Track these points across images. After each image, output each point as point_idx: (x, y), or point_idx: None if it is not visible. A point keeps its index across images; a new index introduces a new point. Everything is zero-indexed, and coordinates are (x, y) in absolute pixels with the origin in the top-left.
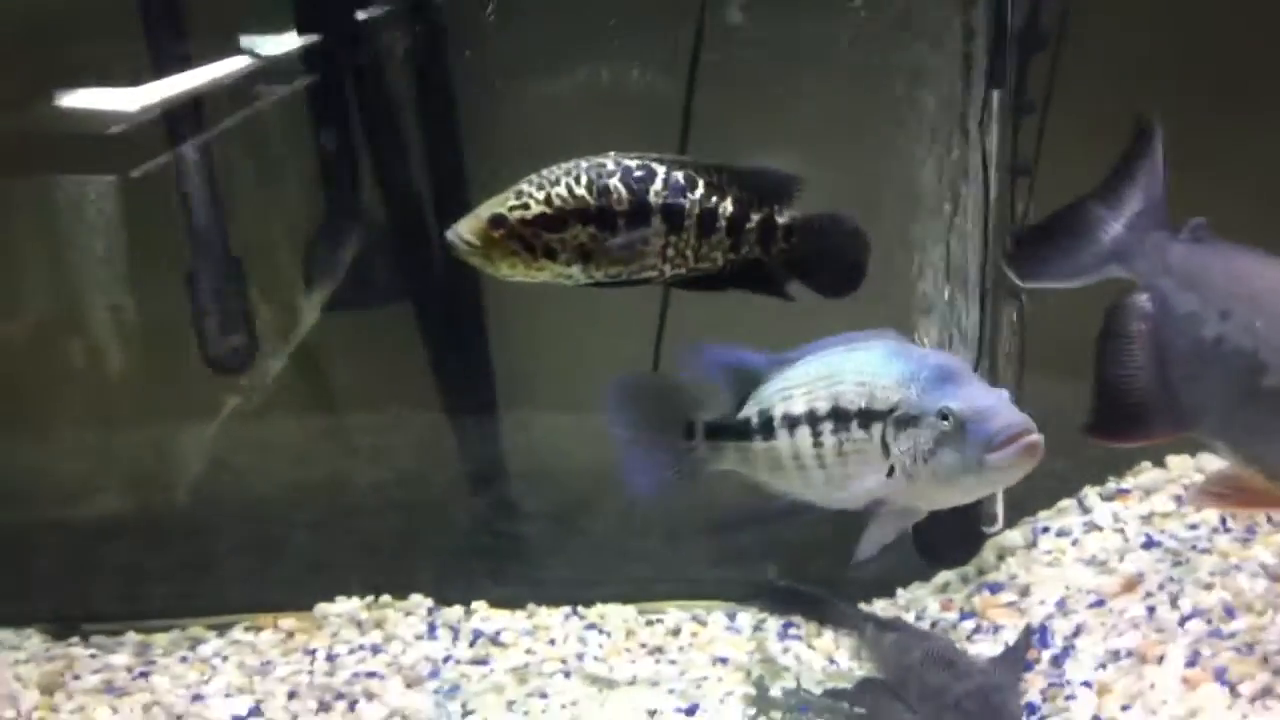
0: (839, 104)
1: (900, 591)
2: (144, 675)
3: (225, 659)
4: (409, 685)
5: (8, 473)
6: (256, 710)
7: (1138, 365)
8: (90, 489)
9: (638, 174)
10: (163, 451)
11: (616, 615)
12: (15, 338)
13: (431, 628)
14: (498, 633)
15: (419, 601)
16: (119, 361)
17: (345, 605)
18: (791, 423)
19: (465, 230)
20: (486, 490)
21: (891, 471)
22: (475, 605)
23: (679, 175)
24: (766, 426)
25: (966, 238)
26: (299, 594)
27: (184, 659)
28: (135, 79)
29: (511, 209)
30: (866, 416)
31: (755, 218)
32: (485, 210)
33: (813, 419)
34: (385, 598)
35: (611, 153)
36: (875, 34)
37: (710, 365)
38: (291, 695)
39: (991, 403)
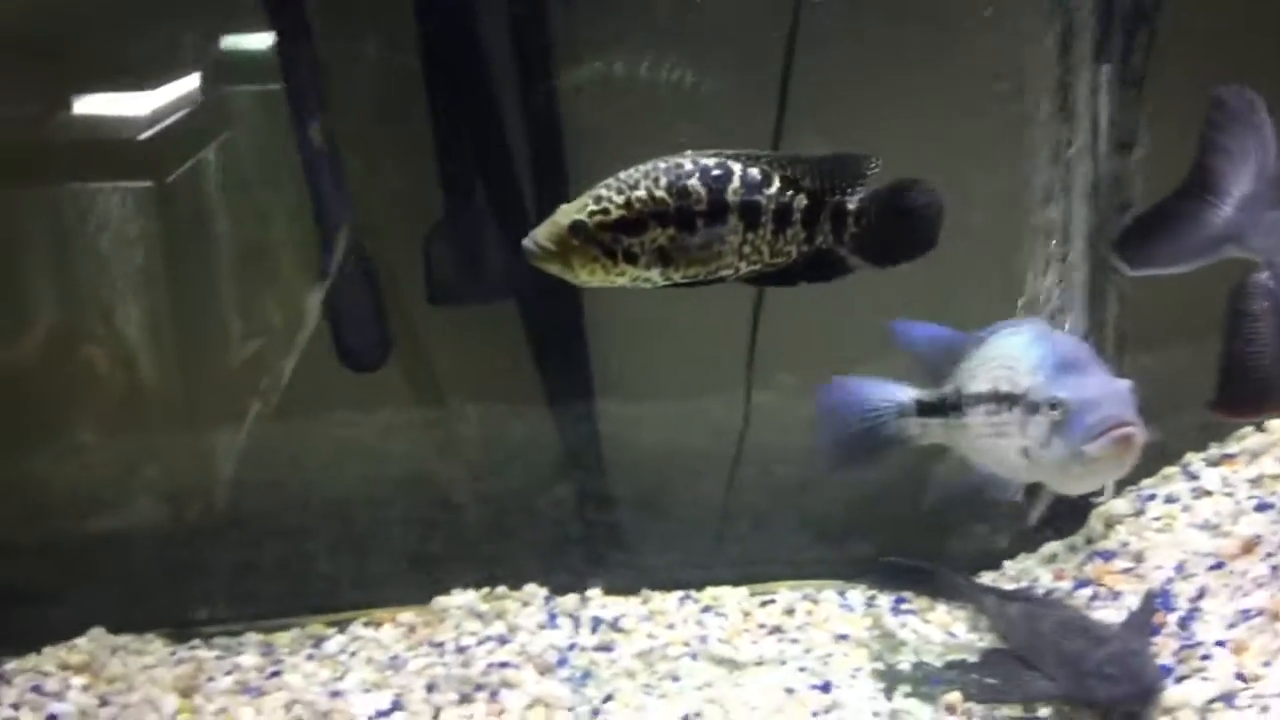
0: (942, 85)
1: (1007, 563)
2: (276, 674)
3: (353, 655)
4: (542, 673)
5: (107, 477)
6: (399, 704)
7: (1263, 342)
8: (186, 491)
9: (715, 173)
10: (258, 451)
11: (729, 597)
12: (108, 339)
13: (552, 616)
14: (616, 619)
15: (534, 591)
16: (220, 361)
17: (463, 598)
18: (973, 401)
19: (543, 237)
20: (586, 479)
21: (1025, 453)
22: (590, 593)
23: (754, 172)
24: (962, 403)
25: (1073, 213)
26: (406, 588)
27: (310, 656)
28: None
29: (591, 214)
30: (1009, 400)
31: (829, 206)
32: (563, 216)
33: (982, 399)
34: (501, 589)
35: (688, 151)
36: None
37: (914, 340)
38: (430, 688)
39: (1098, 394)
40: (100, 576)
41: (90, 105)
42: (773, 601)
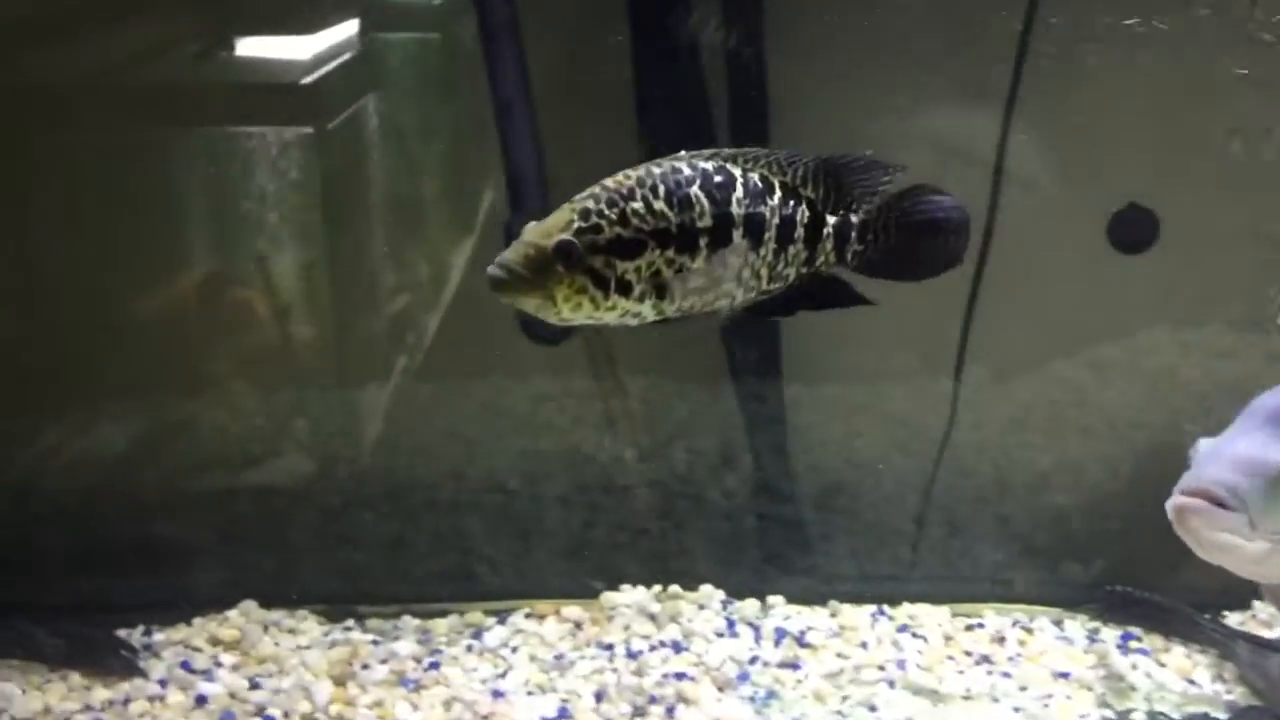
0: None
1: (1258, 604)
2: (434, 666)
3: (514, 650)
4: (721, 689)
5: (258, 433)
6: (565, 712)
7: None
8: (337, 454)
9: (718, 179)
10: (410, 416)
11: (928, 618)
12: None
13: (730, 623)
14: (802, 632)
15: (711, 594)
16: (375, 319)
17: (633, 595)
18: None
19: (519, 263)
20: (765, 468)
21: None
22: (772, 600)
23: (755, 178)
24: None
25: None
26: (568, 577)
27: (469, 648)
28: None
29: (581, 232)
30: None
31: (831, 220)
32: (542, 236)
33: None
34: (674, 588)
35: (684, 153)
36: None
37: None
38: (599, 696)
39: (1208, 456)
40: (249, 540)
41: (253, 48)
42: (979, 626)
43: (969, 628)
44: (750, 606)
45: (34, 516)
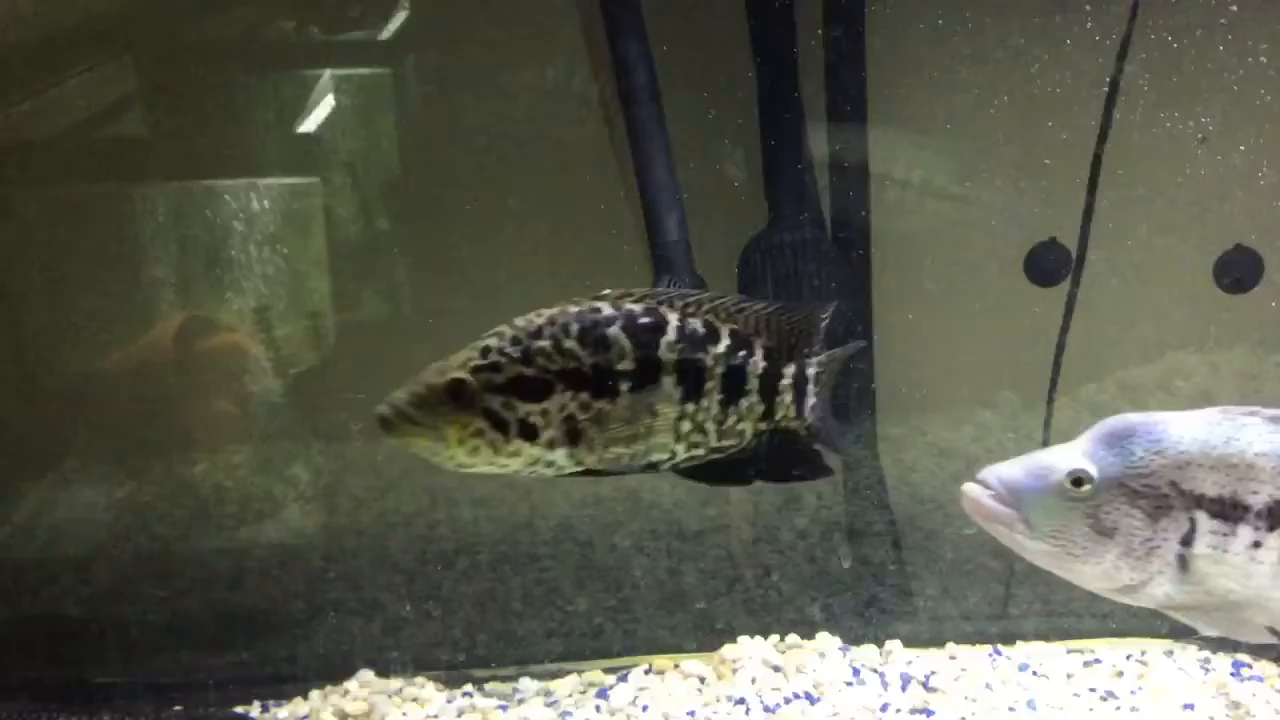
0: None
1: None
2: None
3: (645, 708)
4: None
5: (326, 500)
6: None
7: None
8: (409, 520)
9: (644, 320)
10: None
11: (1043, 655)
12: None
13: (855, 671)
14: (927, 677)
15: (829, 641)
16: None
17: (753, 647)
18: None
19: (407, 401)
20: (859, 508)
21: None
22: (889, 645)
23: (696, 323)
24: None
25: None
26: (672, 630)
27: (598, 708)
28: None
29: (476, 370)
30: None
31: (789, 371)
32: (434, 374)
33: None
34: (793, 637)
35: (608, 291)
36: None
37: None
38: None
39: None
40: (339, 605)
41: None
42: (1096, 661)
43: (1087, 664)
44: (869, 652)
45: (108, 590)
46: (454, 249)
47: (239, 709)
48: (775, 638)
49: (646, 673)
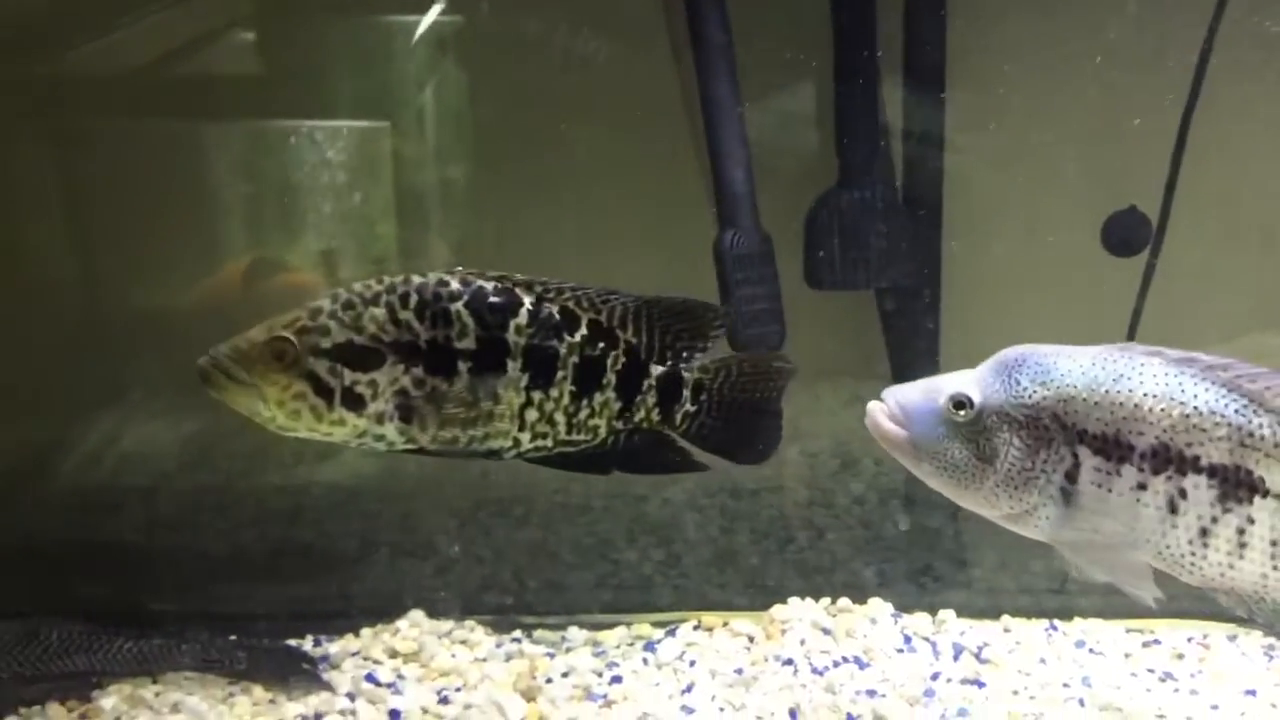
0: None
1: None
2: (616, 680)
3: (692, 664)
4: (911, 706)
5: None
6: None
7: None
8: (466, 466)
9: (494, 300)
10: None
11: (1101, 633)
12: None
13: (906, 639)
14: (980, 648)
15: (880, 607)
16: None
17: (802, 609)
18: None
19: (228, 355)
20: (923, 484)
21: None
22: (942, 615)
23: (553, 309)
24: None
25: None
26: (722, 587)
27: (645, 661)
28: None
29: (303, 331)
30: None
31: (656, 371)
32: (262, 330)
33: None
34: (844, 601)
35: (460, 268)
36: None
37: None
38: (793, 714)
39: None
40: (393, 546)
41: None
42: (1156, 642)
43: (1146, 644)
44: (922, 621)
45: (169, 520)
46: (523, 200)
47: (291, 641)
48: (826, 600)
49: (695, 629)
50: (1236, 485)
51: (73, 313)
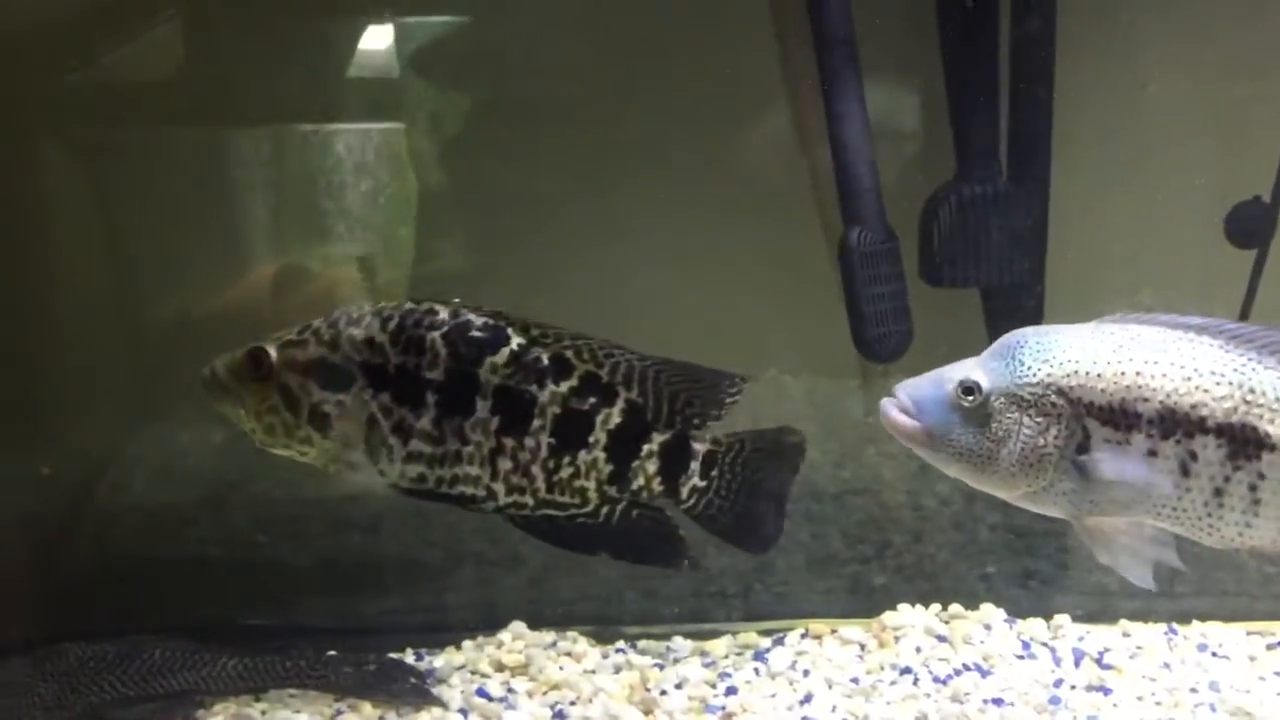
0: None
1: None
2: (731, 691)
3: (806, 673)
4: (1039, 714)
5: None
6: None
7: None
8: None
9: (475, 334)
10: None
11: (1221, 636)
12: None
13: (1025, 645)
14: (1100, 654)
15: (993, 613)
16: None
17: (914, 616)
18: None
19: (221, 365)
20: None
21: None
22: (1058, 619)
23: (543, 354)
24: None
25: None
26: (821, 593)
27: (757, 671)
28: None
29: (285, 345)
30: None
31: (660, 437)
32: (255, 342)
33: None
34: (956, 607)
35: (457, 300)
36: None
37: None
38: None
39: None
40: (479, 557)
41: None
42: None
43: (1270, 647)
44: (1037, 626)
45: (242, 534)
46: (620, 208)
47: (392, 655)
48: (937, 606)
49: (803, 637)
50: (1244, 443)
51: (117, 324)
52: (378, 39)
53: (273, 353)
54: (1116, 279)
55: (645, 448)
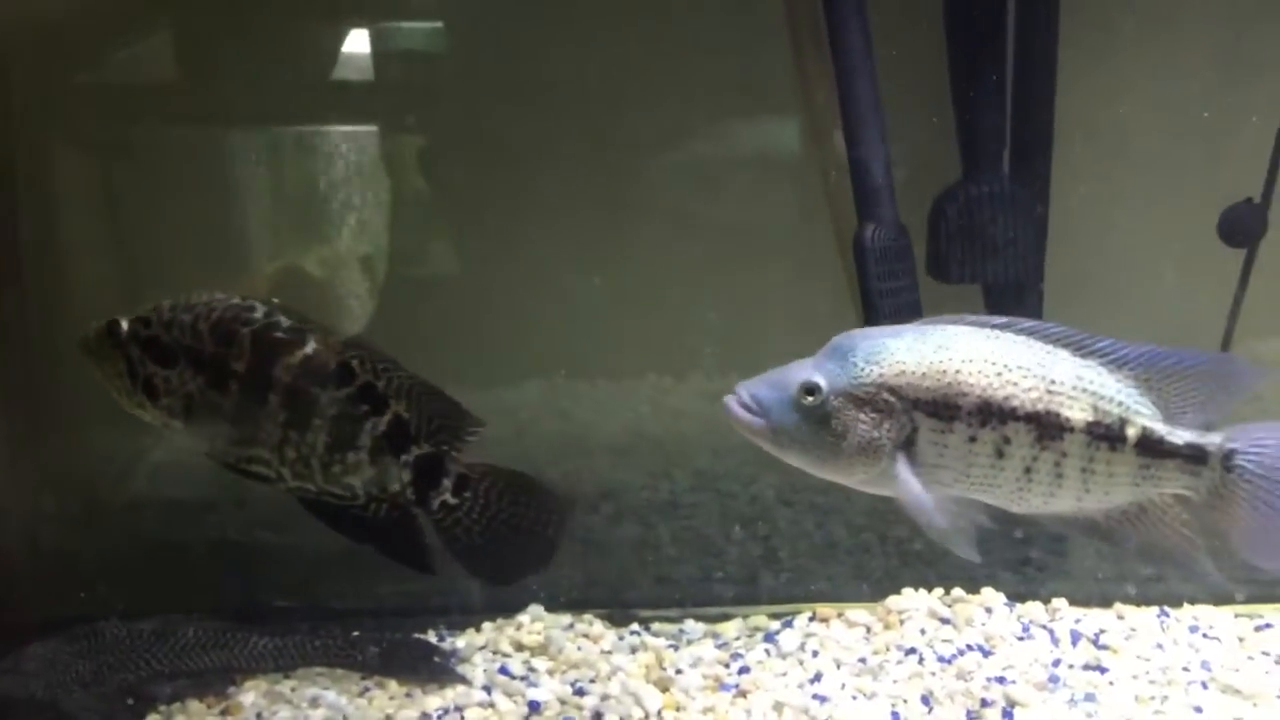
0: None
1: None
2: (745, 671)
3: (815, 654)
4: (1039, 692)
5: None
6: (897, 717)
7: None
8: (554, 456)
9: (278, 335)
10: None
11: (1213, 618)
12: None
13: (1025, 627)
14: (1096, 635)
15: (993, 596)
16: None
17: (918, 599)
18: None
19: (93, 328)
20: None
21: None
22: (1055, 602)
23: (332, 358)
24: None
25: None
26: (825, 579)
27: (767, 651)
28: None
29: (137, 319)
30: None
31: (416, 452)
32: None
33: None
34: (958, 591)
35: (276, 301)
36: None
37: None
38: (926, 700)
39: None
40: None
41: None
42: (1267, 626)
43: (1258, 628)
44: (1036, 609)
45: (267, 519)
46: (630, 212)
47: (416, 635)
48: (940, 590)
49: (810, 619)
50: (1049, 426)
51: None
52: (357, 43)
53: (124, 326)
54: (1113, 276)
55: (403, 458)
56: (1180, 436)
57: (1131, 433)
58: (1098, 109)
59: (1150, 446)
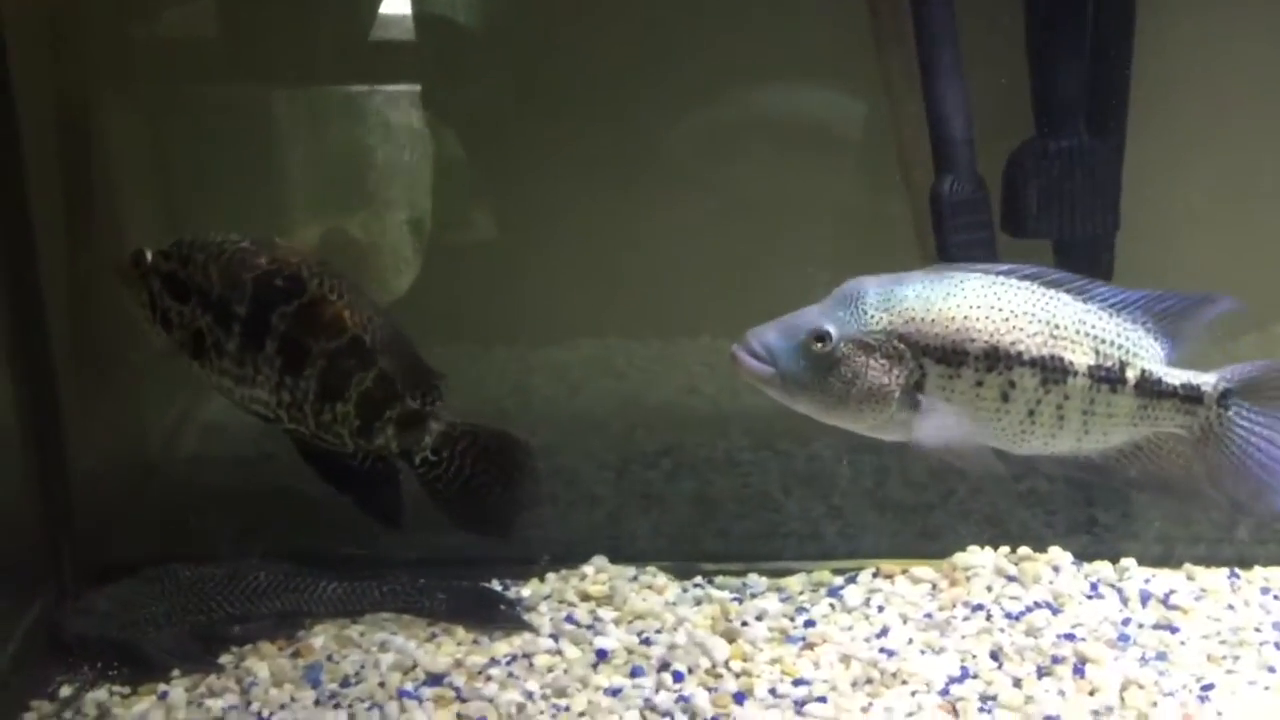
0: None
1: None
2: (810, 624)
3: (880, 609)
4: (1110, 649)
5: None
6: (967, 672)
7: None
8: (611, 422)
9: (281, 283)
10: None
11: None
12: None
13: (1093, 585)
14: (1166, 595)
15: (1060, 555)
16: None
17: (983, 557)
18: None
19: (123, 257)
20: None
21: None
22: (1124, 562)
23: (329, 313)
24: None
25: None
26: (888, 535)
27: (833, 606)
28: None
29: (161, 253)
30: None
31: (399, 408)
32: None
33: None
34: (1024, 550)
35: (299, 247)
36: None
37: None
38: (995, 656)
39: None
40: (554, 497)
41: None
42: None
43: None
44: (1104, 568)
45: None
46: (681, 167)
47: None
48: (1005, 549)
49: (874, 576)
50: (1053, 370)
51: None
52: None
53: (149, 257)
54: (1189, 236)
55: (387, 413)
56: (1176, 377)
57: (1131, 374)
58: (1178, 66)
59: (1148, 387)
